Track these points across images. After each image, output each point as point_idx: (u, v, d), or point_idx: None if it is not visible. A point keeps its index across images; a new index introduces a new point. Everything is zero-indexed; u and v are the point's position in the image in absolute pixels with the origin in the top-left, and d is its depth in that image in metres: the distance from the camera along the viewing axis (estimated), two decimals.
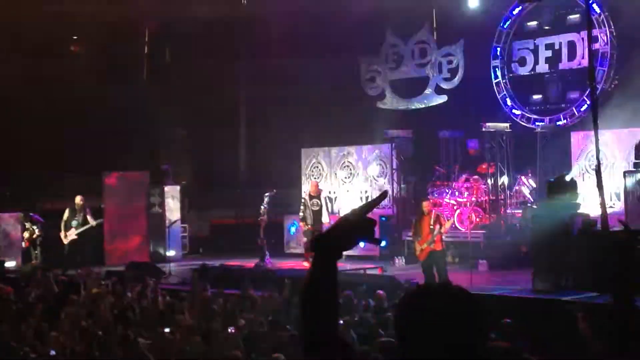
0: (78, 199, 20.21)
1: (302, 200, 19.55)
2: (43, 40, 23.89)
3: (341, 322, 10.42)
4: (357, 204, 19.81)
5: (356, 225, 2.59)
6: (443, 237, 15.23)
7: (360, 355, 8.22)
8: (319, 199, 19.53)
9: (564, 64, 21.19)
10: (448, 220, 15.84)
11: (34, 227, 20.85)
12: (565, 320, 10.43)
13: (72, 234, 20.03)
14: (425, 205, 15.34)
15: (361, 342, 9.07)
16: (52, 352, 9.16)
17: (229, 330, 9.76)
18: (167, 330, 10.16)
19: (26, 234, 20.91)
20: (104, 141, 23.76)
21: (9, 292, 13.64)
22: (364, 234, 2.60)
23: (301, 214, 19.19)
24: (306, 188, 23.81)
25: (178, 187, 23.43)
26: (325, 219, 19.81)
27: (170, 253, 22.21)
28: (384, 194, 2.95)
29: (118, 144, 23.98)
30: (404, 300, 2.45)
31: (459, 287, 2.41)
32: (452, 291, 2.37)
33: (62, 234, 20.14)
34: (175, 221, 22.52)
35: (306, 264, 18.23)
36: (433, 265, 14.91)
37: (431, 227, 14.83)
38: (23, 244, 20.92)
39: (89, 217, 20.14)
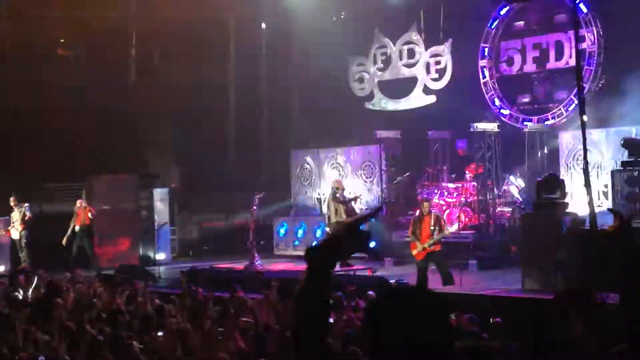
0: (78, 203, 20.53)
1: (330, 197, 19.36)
2: (30, 43, 23.83)
3: (331, 321, 10.42)
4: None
5: (349, 239, 2.62)
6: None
7: (349, 355, 8.22)
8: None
9: (552, 64, 21.23)
10: (453, 224, 15.75)
11: (24, 209, 20.85)
12: (555, 319, 10.44)
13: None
14: (426, 205, 15.32)
15: (351, 342, 9.05)
16: (41, 358, 9.12)
17: (219, 332, 9.73)
18: (158, 333, 10.12)
19: (15, 215, 20.84)
20: (93, 144, 23.71)
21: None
22: (357, 248, 2.64)
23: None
24: (297, 189, 23.82)
25: (167, 190, 23.40)
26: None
27: (160, 256, 22.20)
28: (379, 208, 3.01)
29: (106, 146, 23.93)
30: (371, 304, 2.48)
31: (425, 289, 2.43)
32: (417, 294, 2.39)
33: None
34: (164, 224, 22.49)
35: None
36: (428, 266, 14.92)
37: (432, 228, 14.82)
38: (19, 228, 20.85)
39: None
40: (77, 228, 20.41)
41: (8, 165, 23.14)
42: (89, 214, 20.48)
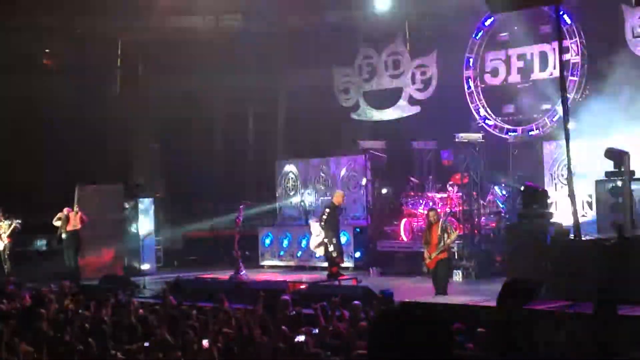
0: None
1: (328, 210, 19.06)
2: (14, 53, 23.78)
3: (315, 331, 10.41)
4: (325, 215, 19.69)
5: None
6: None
7: None
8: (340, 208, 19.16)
9: (536, 75, 21.33)
10: (454, 231, 15.77)
11: (12, 221, 20.74)
12: (539, 329, 10.46)
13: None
14: (432, 215, 15.33)
15: (336, 353, 9.05)
16: None
17: (204, 343, 9.70)
18: (142, 344, 10.08)
19: (3, 229, 20.73)
20: (77, 154, 23.65)
21: None
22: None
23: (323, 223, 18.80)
24: (282, 201, 23.80)
25: (152, 200, 23.34)
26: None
27: (145, 266, 22.15)
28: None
29: (91, 157, 23.87)
30: (376, 321, 2.48)
31: (429, 314, 2.42)
32: (421, 318, 2.39)
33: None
34: (149, 234, 22.43)
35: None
36: (438, 273, 14.91)
37: (439, 235, 14.86)
38: (5, 240, 20.75)
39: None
40: (64, 236, 20.19)
41: None
42: (80, 219, 20.23)
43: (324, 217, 18.52)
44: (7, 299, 15.19)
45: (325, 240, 18.57)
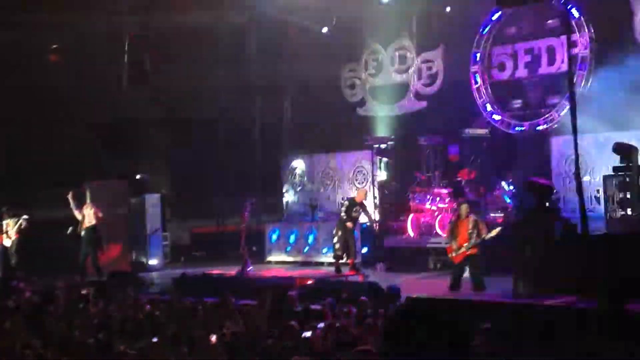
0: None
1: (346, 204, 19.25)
2: (20, 49, 23.79)
3: (320, 325, 10.41)
4: (334, 210, 19.78)
5: None
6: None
7: None
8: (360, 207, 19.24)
9: (544, 69, 21.25)
10: (494, 229, 15.43)
11: (19, 218, 20.74)
12: (546, 325, 10.46)
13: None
14: (464, 208, 15.21)
15: (343, 349, 9.04)
16: None
17: (211, 339, 9.70)
18: (150, 340, 10.09)
19: (11, 226, 20.72)
20: (84, 150, 23.67)
21: None
22: None
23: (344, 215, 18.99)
24: (290, 197, 23.81)
25: (159, 196, 23.36)
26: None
27: (152, 262, 22.18)
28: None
29: (98, 152, 23.89)
30: (390, 316, 2.46)
31: (443, 309, 2.41)
32: (436, 313, 2.37)
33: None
34: (156, 230, 22.45)
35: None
36: (465, 269, 14.82)
37: (469, 231, 14.74)
38: (13, 236, 20.73)
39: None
40: (82, 233, 20.01)
41: None
42: (96, 215, 20.03)
43: (342, 210, 18.78)
44: (15, 295, 15.25)
45: (334, 233, 18.78)
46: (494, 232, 14.90)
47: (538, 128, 21.06)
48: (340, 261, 18.87)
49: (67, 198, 19.82)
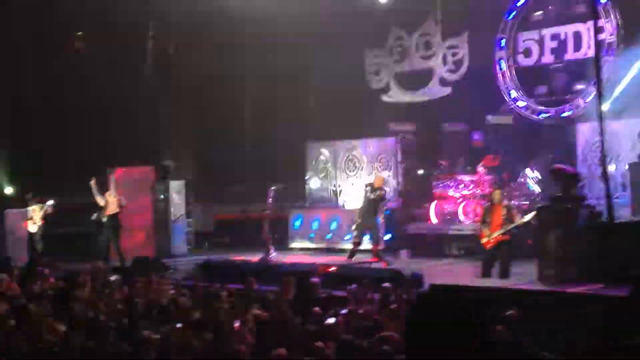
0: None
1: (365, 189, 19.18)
2: (46, 35, 23.89)
3: (343, 312, 10.41)
4: (358, 196, 19.74)
5: None
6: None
7: (365, 348, 8.21)
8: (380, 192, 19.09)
9: (570, 55, 21.09)
10: (524, 214, 15.31)
11: (44, 204, 20.85)
12: (570, 313, 10.40)
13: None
14: (497, 194, 15.13)
15: (365, 335, 9.03)
16: (57, 349, 9.14)
17: (235, 325, 9.73)
18: (174, 325, 10.13)
19: (37, 212, 20.83)
20: (108, 136, 23.76)
21: (14, 288, 13.65)
22: None
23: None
24: (314, 183, 23.80)
25: (183, 182, 23.43)
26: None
27: (176, 248, 22.26)
28: None
29: (122, 139, 23.97)
30: (414, 304, 2.43)
31: (467, 296, 2.37)
32: (460, 300, 2.35)
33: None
34: (180, 216, 22.51)
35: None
36: (496, 255, 14.72)
37: (503, 217, 14.65)
38: (38, 222, 20.85)
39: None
40: (104, 219, 20.06)
41: (24, 158, 23.23)
42: (119, 203, 20.05)
43: (362, 197, 18.78)
44: (40, 280, 15.36)
45: (354, 220, 18.78)
46: (527, 217, 14.75)
47: (564, 114, 20.91)
48: (359, 248, 18.86)
49: (90, 184, 19.90)
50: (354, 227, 18.84)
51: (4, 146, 23.12)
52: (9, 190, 23.95)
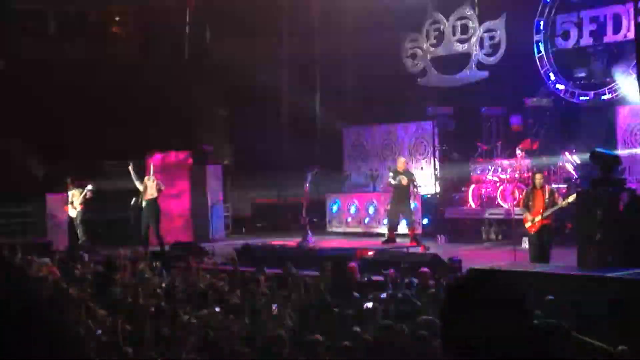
0: None
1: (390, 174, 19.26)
2: (85, 21, 24.05)
3: (383, 295, 10.42)
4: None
5: None
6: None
7: (403, 332, 8.21)
8: (405, 175, 19.10)
9: (609, 37, 20.82)
10: (569, 196, 15.17)
11: (83, 188, 21.02)
12: (610, 298, 10.31)
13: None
14: (539, 177, 15.03)
15: (404, 319, 9.04)
16: (99, 332, 9.24)
17: (273, 309, 9.79)
18: (213, 309, 10.21)
19: (76, 196, 21.00)
20: (146, 122, 23.90)
21: (55, 272, 13.82)
22: None
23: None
24: (347, 166, 23.81)
25: (220, 167, 23.52)
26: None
27: (214, 233, 22.35)
28: None
29: (160, 124, 24.10)
30: (451, 287, 2.41)
31: (507, 280, 2.34)
32: (500, 284, 2.32)
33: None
34: (217, 201, 22.61)
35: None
36: (542, 238, 14.61)
37: (546, 200, 14.54)
38: (78, 207, 21.03)
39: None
40: (144, 203, 20.09)
41: (64, 143, 23.44)
42: (158, 187, 20.07)
43: (389, 181, 18.81)
44: (81, 265, 15.54)
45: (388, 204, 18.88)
46: (570, 199, 14.61)
47: (603, 97, 20.67)
48: (395, 233, 18.88)
49: (128, 169, 20.02)
50: (388, 211, 18.97)
51: (45, 131, 23.31)
52: (48, 174, 24.20)
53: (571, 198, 14.55)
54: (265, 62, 25.40)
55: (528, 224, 14.72)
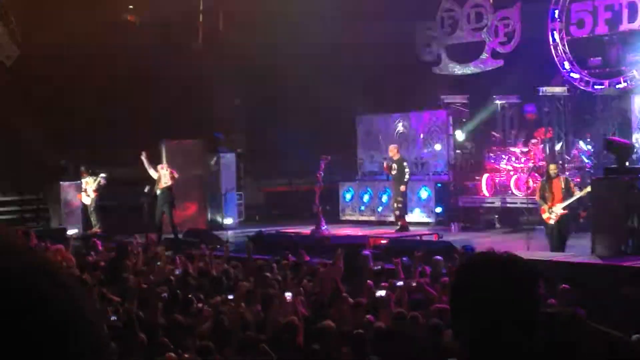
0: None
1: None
2: (96, 9, 24.04)
3: (399, 284, 10.41)
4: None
5: None
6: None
7: (417, 320, 8.20)
8: (397, 164, 19.25)
9: (624, 26, 20.69)
10: (585, 187, 15.06)
11: (97, 176, 21.08)
12: (625, 286, 10.28)
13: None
14: (553, 168, 14.94)
15: (418, 308, 9.03)
16: (113, 317, 9.27)
17: (286, 296, 9.78)
18: (226, 296, 10.22)
19: (90, 184, 21.07)
20: (159, 110, 23.91)
21: (70, 258, 13.87)
22: None
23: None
24: (361, 154, 23.79)
25: (233, 155, 23.53)
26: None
27: (227, 220, 22.39)
28: None
29: (173, 112, 24.11)
30: (460, 269, 2.38)
31: (516, 258, 2.30)
32: (509, 261, 2.28)
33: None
34: (230, 189, 22.63)
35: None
36: (559, 229, 14.53)
37: (562, 190, 14.45)
38: (92, 194, 21.09)
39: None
40: (158, 191, 20.10)
41: (77, 131, 23.49)
42: (171, 176, 20.05)
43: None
44: (94, 252, 15.60)
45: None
46: (588, 188, 14.51)
47: (618, 86, 20.55)
48: (406, 221, 19.04)
49: (141, 158, 20.05)
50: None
51: (57, 118, 23.36)
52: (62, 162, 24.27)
53: (587, 189, 14.47)
54: (277, 48, 25.33)
55: (546, 215, 14.63)
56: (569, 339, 3.87)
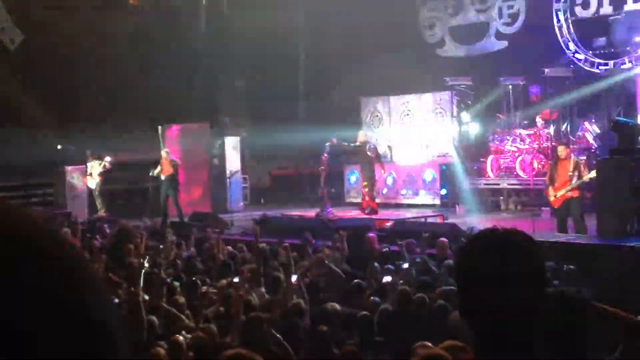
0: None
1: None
2: None
3: (405, 266, 10.41)
4: (413, 151, 19.65)
5: None
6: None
7: (424, 301, 8.21)
8: (364, 150, 19.27)
9: (630, 6, 20.60)
10: (591, 170, 14.92)
11: (102, 160, 21.09)
12: (630, 267, 10.29)
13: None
14: (561, 150, 14.79)
15: (423, 289, 9.04)
16: (115, 300, 9.28)
17: (292, 279, 9.79)
18: (231, 280, 10.22)
19: (95, 168, 21.08)
20: (163, 93, 23.89)
21: (75, 242, 13.88)
22: None
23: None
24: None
25: (238, 138, 23.51)
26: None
27: (232, 204, 22.39)
28: None
29: (177, 95, 24.09)
30: (464, 247, 2.35)
31: (520, 233, 2.28)
32: (513, 237, 2.26)
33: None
34: (235, 172, 22.63)
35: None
36: (567, 212, 14.41)
37: (570, 173, 14.34)
38: (97, 178, 21.12)
39: None
40: (162, 177, 20.09)
41: (83, 115, 23.50)
42: (174, 165, 20.04)
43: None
44: (100, 235, 15.62)
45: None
46: (592, 174, 14.39)
47: (623, 66, 20.48)
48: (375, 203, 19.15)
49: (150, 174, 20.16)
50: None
51: (63, 103, 23.37)
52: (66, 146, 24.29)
53: (592, 174, 14.35)
54: (282, 31, 25.28)
55: (552, 198, 14.56)
56: (575, 319, 3.87)
